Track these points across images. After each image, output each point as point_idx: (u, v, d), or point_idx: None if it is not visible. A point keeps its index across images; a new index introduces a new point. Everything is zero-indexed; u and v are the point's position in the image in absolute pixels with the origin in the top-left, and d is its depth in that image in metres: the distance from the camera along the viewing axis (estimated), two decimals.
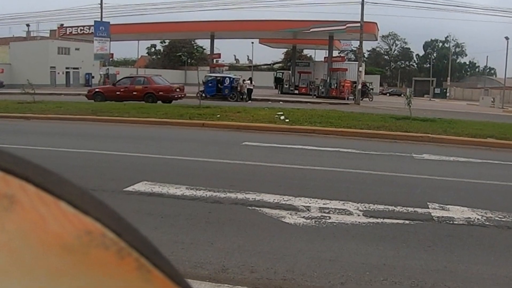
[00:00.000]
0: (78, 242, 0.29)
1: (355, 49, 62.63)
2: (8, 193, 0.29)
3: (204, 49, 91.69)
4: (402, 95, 19.24)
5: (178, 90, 26.50)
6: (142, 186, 6.34)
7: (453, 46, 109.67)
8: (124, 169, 7.80)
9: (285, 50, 75.70)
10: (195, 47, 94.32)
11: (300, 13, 53.61)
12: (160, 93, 24.93)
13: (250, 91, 32.88)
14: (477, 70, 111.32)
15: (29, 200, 0.29)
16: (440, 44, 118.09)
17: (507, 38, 53.95)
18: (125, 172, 7.52)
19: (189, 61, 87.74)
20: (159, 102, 24.12)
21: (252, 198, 5.90)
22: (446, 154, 10.48)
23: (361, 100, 36.55)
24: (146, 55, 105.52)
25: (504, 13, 37.68)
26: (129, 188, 6.24)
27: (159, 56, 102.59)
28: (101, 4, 42.15)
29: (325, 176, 7.65)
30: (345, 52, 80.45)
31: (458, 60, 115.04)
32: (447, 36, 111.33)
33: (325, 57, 48.00)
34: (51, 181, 0.31)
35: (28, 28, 74.72)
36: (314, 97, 40.31)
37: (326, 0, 40.42)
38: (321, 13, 43.55)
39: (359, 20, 36.24)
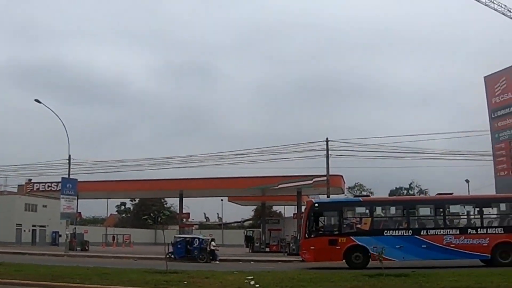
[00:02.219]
0: None
1: None
2: None
3: (171, 211, 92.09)
4: (373, 248, 19.38)
5: None
6: None
7: (417, 192, 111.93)
8: None
9: (254, 207, 76.23)
10: (165, 205, 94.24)
11: (269, 169, 54.80)
12: None
13: (213, 252, 32.21)
14: None
15: None
16: (405, 192, 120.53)
17: (467, 180, 56.28)
18: None
19: (158, 219, 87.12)
20: None
21: None
22: None
23: None
24: (116, 213, 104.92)
25: (464, 156, 39.18)
26: None
27: (128, 215, 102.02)
28: (69, 160, 42.53)
29: None
30: None
31: None
32: (411, 183, 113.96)
33: (294, 213, 48.24)
34: None
35: None
36: (286, 254, 39.72)
37: (293, 155, 42.00)
38: (289, 168, 44.69)
39: (325, 173, 37.06)
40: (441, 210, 24.28)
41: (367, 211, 24.56)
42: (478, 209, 24.23)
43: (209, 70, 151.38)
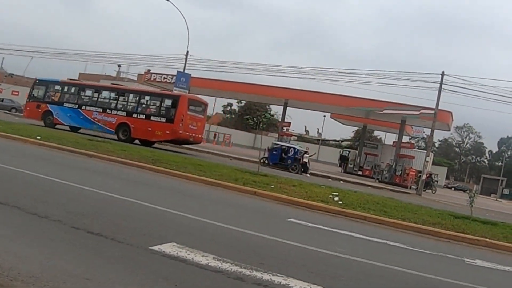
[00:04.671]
0: None
1: (426, 137, 61.59)
2: None
3: (272, 115, 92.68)
4: (467, 192, 18.77)
5: None
6: (169, 248, 6.19)
7: None
8: (160, 225, 7.72)
9: (355, 128, 75.48)
10: (269, 112, 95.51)
11: (376, 92, 53.66)
12: None
13: (305, 164, 32.49)
14: None
15: None
16: None
17: None
18: (159, 228, 7.44)
19: (260, 125, 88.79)
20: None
21: (278, 282, 5.59)
22: (502, 262, 9.78)
23: (424, 191, 35.53)
24: (221, 112, 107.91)
25: None
26: (156, 247, 6.11)
27: (233, 116, 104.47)
28: (186, 56, 43.78)
29: (363, 269, 7.24)
30: (416, 139, 79.13)
31: None
32: None
33: (394, 141, 47.40)
34: None
35: (119, 69, 78.05)
36: (377, 181, 39.56)
37: (404, 83, 40.57)
38: (396, 95, 43.66)
39: (434, 107, 35.73)
40: (96, 93, 32.12)
41: (61, 88, 33.21)
42: (116, 96, 31.65)
43: None
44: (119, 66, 74.35)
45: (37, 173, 10.84)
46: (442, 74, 35.63)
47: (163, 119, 29.26)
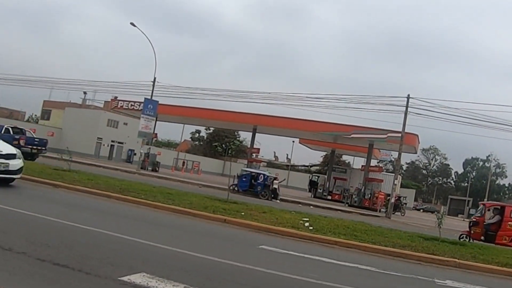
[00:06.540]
0: None
1: (393, 160, 62.35)
2: None
3: (242, 144, 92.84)
4: (436, 213, 19.19)
5: None
6: (139, 278, 6.05)
7: (494, 166, 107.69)
8: (129, 255, 7.56)
9: (324, 153, 75.99)
10: (237, 138, 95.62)
11: (343, 116, 54.44)
12: None
13: (275, 190, 32.57)
14: None
15: None
16: (481, 163, 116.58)
17: None
18: (128, 259, 7.27)
19: (229, 152, 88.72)
20: None
21: None
22: (472, 282, 9.87)
23: (393, 214, 35.84)
24: (190, 140, 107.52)
25: None
26: (125, 278, 5.96)
27: (201, 143, 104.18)
28: (153, 82, 43.65)
29: None
30: (384, 163, 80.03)
31: (497, 182, 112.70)
32: (489, 156, 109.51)
33: (362, 165, 47.83)
34: None
35: (85, 96, 77.40)
36: (347, 205, 39.74)
37: (371, 107, 41.40)
38: (364, 119, 44.51)
39: (401, 130, 36.24)
40: None
41: None
42: None
43: (301, 11, 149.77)
44: (84, 93, 73.81)
45: None
46: (408, 97, 36.29)
47: None
